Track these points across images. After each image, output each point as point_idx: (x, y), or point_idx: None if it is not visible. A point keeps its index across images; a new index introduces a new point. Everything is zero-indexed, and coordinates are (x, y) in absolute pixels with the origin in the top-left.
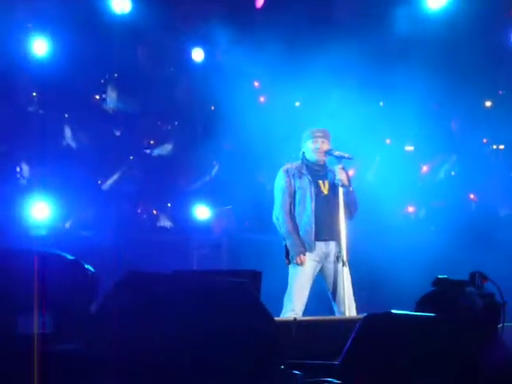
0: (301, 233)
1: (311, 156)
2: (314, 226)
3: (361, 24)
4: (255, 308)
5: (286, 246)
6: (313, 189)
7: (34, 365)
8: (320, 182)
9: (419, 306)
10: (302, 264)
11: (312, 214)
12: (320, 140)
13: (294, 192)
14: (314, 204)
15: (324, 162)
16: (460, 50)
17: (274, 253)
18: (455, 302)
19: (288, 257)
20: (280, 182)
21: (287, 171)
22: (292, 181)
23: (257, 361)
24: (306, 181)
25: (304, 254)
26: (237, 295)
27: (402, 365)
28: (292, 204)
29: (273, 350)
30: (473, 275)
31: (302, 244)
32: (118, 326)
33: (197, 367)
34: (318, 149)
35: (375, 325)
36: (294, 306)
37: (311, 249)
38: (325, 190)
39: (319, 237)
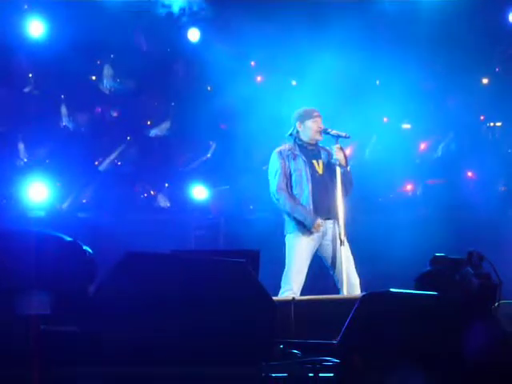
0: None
1: (309, 136)
2: (311, 206)
3: (357, 4)
4: (253, 287)
5: (294, 218)
6: (308, 169)
7: (31, 345)
8: (314, 161)
9: (416, 285)
10: (319, 228)
11: (309, 194)
12: (320, 119)
13: (290, 174)
14: (310, 185)
15: (317, 141)
16: (457, 27)
17: (273, 232)
18: (452, 280)
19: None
20: (275, 164)
21: (281, 153)
22: (287, 163)
23: (255, 340)
24: (300, 162)
25: (318, 220)
26: (235, 275)
27: (400, 343)
28: (289, 186)
29: (271, 329)
30: (470, 254)
31: (311, 212)
32: (117, 306)
33: (195, 347)
34: (320, 128)
35: (374, 303)
36: (291, 286)
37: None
38: (319, 169)
39: (317, 216)
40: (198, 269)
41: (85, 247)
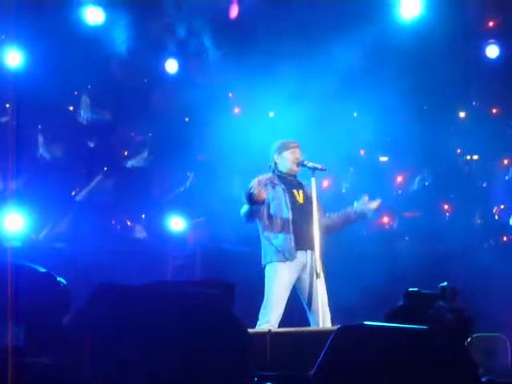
0: (279, 242)
1: (287, 167)
2: (292, 235)
3: (334, 35)
4: (228, 320)
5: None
6: (288, 198)
7: (7, 377)
8: (295, 191)
9: (388, 320)
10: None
11: (290, 222)
12: (297, 150)
13: (268, 203)
14: (291, 213)
15: (297, 173)
16: (434, 61)
17: (250, 264)
18: (425, 316)
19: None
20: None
21: (259, 182)
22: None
23: (229, 373)
24: (280, 190)
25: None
26: (209, 307)
27: (375, 376)
28: (266, 215)
29: (245, 362)
30: (443, 289)
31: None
32: (91, 338)
33: (170, 379)
34: (297, 159)
35: (348, 336)
36: (269, 318)
37: (292, 257)
38: (300, 199)
39: (298, 246)
40: (171, 300)
41: (59, 278)
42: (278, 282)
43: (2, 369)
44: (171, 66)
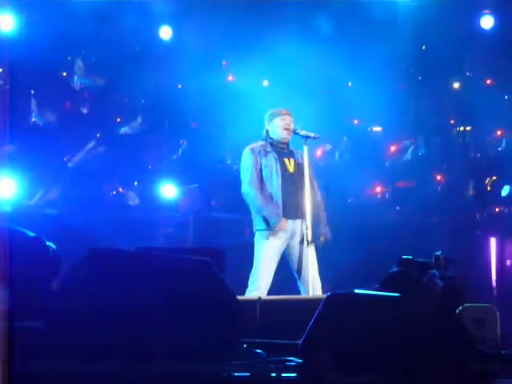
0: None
1: (277, 134)
2: (281, 203)
3: (330, 4)
4: (217, 286)
5: (262, 217)
6: (279, 166)
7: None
8: (286, 159)
9: (382, 286)
10: (284, 228)
11: (279, 191)
12: (288, 118)
13: (261, 170)
14: (280, 181)
15: (288, 140)
16: (429, 31)
17: (242, 232)
18: (418, 283)
19: (268, 225)
20: (247, 159)
21: (253, 149)
22: (258, 158)
23: (218, 338)
24: (271, 158)
25: (283, 220)
26: (199, 273)
27: (364, 343)
28: (259, 181)
29: (235, 328)
30: (436, 258)
31: (278, 211)
32: (79, 302)
33: (159, 344)
34: (288, 125)
35: (338, 304)
36: (259, 285)
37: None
38: (290, 168)
39: (286, 215)
40: (161, 266)
41: (48, 243)
42: (266, 250)
43: None
44: (165, 32)
